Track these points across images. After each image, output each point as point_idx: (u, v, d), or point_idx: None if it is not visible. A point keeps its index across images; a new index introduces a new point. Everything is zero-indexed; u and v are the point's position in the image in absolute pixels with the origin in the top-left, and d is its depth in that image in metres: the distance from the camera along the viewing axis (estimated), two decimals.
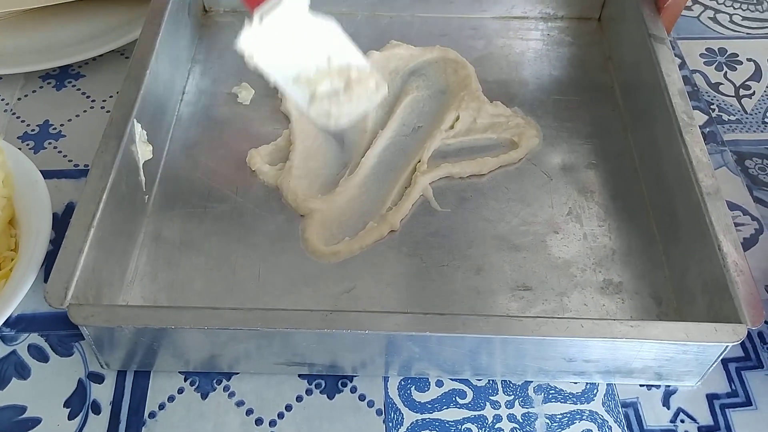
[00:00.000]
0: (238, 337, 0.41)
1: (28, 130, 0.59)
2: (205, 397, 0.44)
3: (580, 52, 0.65)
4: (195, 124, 0.58)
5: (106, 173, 0.46)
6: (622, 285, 0.49)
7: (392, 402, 0.44)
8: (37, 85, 0.62)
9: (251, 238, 0.50)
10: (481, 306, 0.47)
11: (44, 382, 0.45)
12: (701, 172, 0.47)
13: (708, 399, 0.45)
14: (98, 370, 0.45)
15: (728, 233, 0.44)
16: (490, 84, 0.61)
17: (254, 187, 0.54)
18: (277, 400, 0.44)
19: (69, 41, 0.64)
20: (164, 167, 0.54)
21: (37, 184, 0.49)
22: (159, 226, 0.51)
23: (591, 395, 0.45)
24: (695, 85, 0.64)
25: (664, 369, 0.43)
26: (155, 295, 0.47)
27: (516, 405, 0.44)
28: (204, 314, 0.40)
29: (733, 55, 0.67)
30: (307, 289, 0.48)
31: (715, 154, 0.58)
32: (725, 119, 0.61)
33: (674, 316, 0.47)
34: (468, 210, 0.52)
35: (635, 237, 0.51)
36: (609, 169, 0.55)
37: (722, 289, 0.43)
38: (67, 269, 0.41)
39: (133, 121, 0.49)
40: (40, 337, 0.46)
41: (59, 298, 0.40)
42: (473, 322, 0.40)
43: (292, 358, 0.43)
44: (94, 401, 0.44)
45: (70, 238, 0.42)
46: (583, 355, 0.42)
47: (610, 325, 0.40)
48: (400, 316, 0.41)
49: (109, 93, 0.61)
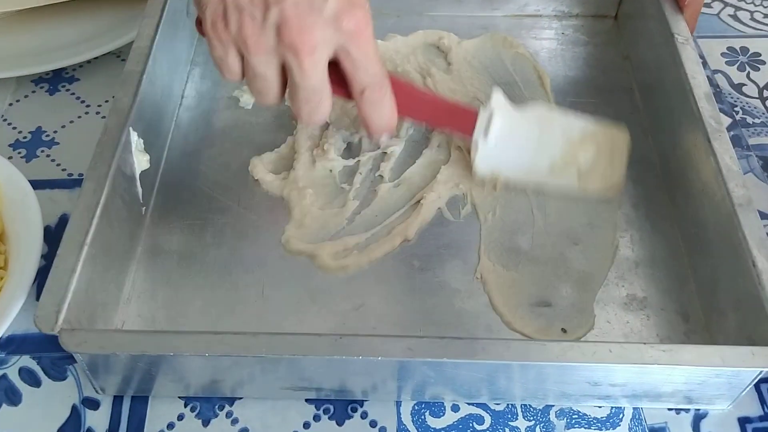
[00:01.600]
0: (242, 363, 0.39)
1: (20, 137, 0.56)
2: (206, 424, 0.42)
3: (596, 51, 0.62)
4: (194, 131, 0.55)
5: (99, 186, 0.43)
6: (646, 300, 0.46)
7: (405, 428, 0.42)
8: (30, 90, 0.59)
9: (254, 252, 0.48)
10: (498, 324, 0.45)
11: (36, 409, 0.42)
12: (732, 182, 0.44)
13: (740, 423, 0.42)
14: (93, 396, 0.43)
15: (763, 248, 0.41)
16: (503, 87, 0.58)
17: (257, 197, 0.51)
18: (283, 426, 0.41)
19: (63, 43, 0.61)
20: (162, 177, 0.52)
21: (27, 196, 0.46)
22: (157, 239, 0.48)
23: (617, 420, 0.42)
24: (717, 87, 0.61)
25: (695, 393, 0.41)
26: (153, 314, 0.45)
27: (537, 431, 0.42)
28: (204, 339, 0.38)
29: (755, 55, 0.64)
30: (314, 306, 0.45)
31: (740, 159, 0.55)
32: (750, 122, 0.58)
33: (703, 333, 0.44)
34: (482, 220, 0.50)
35: (659, 249, 0.49)
36: (630, 176, 0.52)
37: (757, 307, 0.40)
38: (58, 291, 0.38)
39: (128, 129, 0.46)
40: (32, 360, 0.44)
41: (50, 323, 0.37)
42: (493, 347, 0.38)
43: (299, 383, 0.41)
44: (89, 429, 0.41)
45: (61, 257, 0.40)
46: (609, 379, 0.40)
47: (639, 349, 0.37)
48: (415, 340, 0.38)
49: (105, 97, 0.59)
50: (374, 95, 0.43)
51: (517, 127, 0.50)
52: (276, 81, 0.42)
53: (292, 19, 0.38)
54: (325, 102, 0.42)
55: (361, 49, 0.41)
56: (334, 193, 0.51)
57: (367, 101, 0.43)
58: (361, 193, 0.51)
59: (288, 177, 0.51)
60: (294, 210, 0.50)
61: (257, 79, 0.41)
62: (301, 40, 0.39)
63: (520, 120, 0.50)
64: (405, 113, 0.47)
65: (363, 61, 0.41)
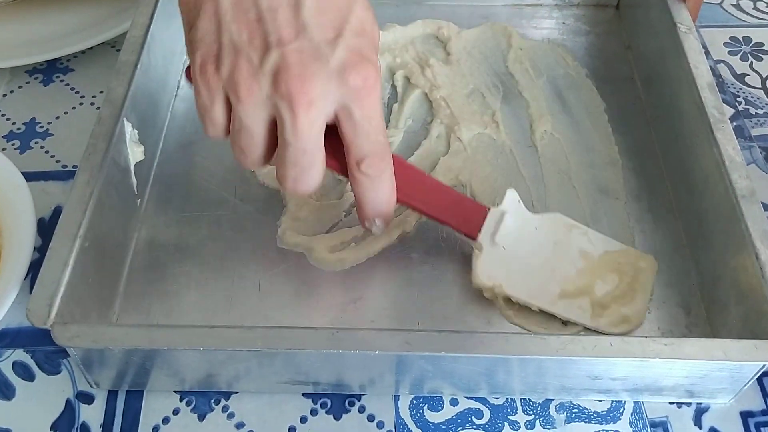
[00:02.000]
0: (238, 357, 0.38)
1: (14, 128, 0.55)
2: (202, 419, 0.41)
3: (597, 41, 0.61)
4: (190, 122, 0.54)
5: (93, 177, 0.42)
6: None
7: (403, 422, 0.41)
8: (24, 81, 0.59)
9: (251, 245, 0.47)
10: (498, 317, 0.44)
11: (30, 403, 0.42)
12: (735, 173, 0.43)
13: (742, 417, 0.42)
14: (87, 390, 0.42)
15: (766, 240, 0.40)
16: (500, 78, 0.58)
17: (254, 189, 0.50)
18: (280, 421, 0.41)
19: (57, 33, 0.60)
20: (157, 169, 0.51)
21: (20, 188, 0.45)
22: (152, 232, 0.48)
23: (617, 414, 0.42)
24: (720, 77, 0.60)
25: (697, 387, 0.40)
26: (148, 308, 0.44)
27: (537, 425, 0.41)
28: (199, 333, 0.37)
29: (758, 45, 0.63)
30: (311, 300, 0.45)
31: (743, 150, 0.54)
32: (752, 113, 0.58)
33: (705, 327, 0.44)
34: None
35: (661, 241, 0.48)
36: (631, 167, 0.52)
37: (760, 300, 0.39)
38: (50, 285, 0.38)
39: (122, 120, 0.45)
40: (25, 354, 0.43)
41: (42, 317, 0.37)
42: (492, 341, 0.37)
43: (296, 377, 0.40)
44: (83, 423, 0.41)
45: (54, 250, 0.39)
46: (610, 373, 0.39)
47: (641, 343, 0.37)
48: (413, 334, 0.37)
49: (100, 88, 0.58)
50: (373, 168, 0.37)
51: (529, 236, 0.44)
52: (263, 138, 0.36)
53: (293, 66, 0.34)
54: (317, 168, 0.37)
55: (365, 110, 0.36)
56: (331, 185, 0.50)
57: (364, 175, 0.38)
58: None
59: None
60: (290, 202, 0.49)
61: (242, 133, 0.36)
62: (299, 89, 0.34)
63: (533, 229, 0.44)
64: (404, 199, 0.42)
65: (366, 126, 0.36)
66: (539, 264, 0.44)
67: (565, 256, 0.44)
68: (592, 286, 0.44)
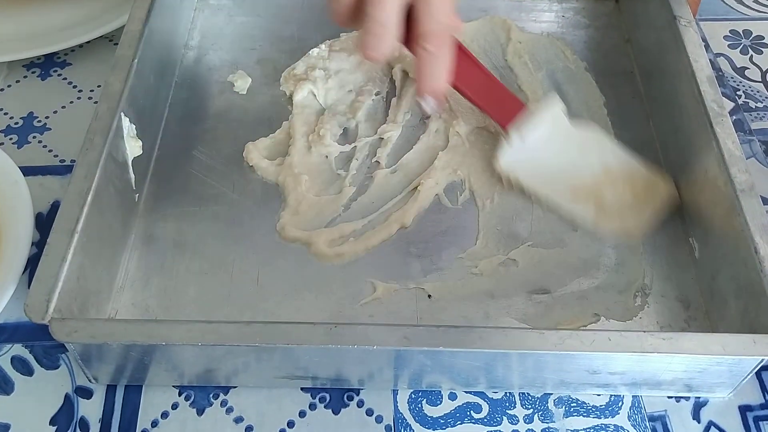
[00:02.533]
0: (236, 352, 0.38)
1: (12, 123, 0.55)
2: (201, 413, 0.41)
3: (597, 34, 0.61)
4: (188, 117, 0.54)
5: (91, 172, 0.42)
6: (647, 287, 0.45)
7: (402, 417, 0.41)
8: (21, 75, 0.58)
9: (249, 240, 0.47)
10: (496, 311, 0.44)
11: (29, 398, 0.42)
12: (734, 167, 0.43)
13: (741, 411, 0.42)
14: (86, 384, 0.42)
15: (765, 234, 0.40)
16: (499, 71, 0.57)
17: (252, 184, 0.50)
18: (279, 415, 0.41)
19: (54, 28, 0.60)
20: (155, 164, 0.51)
21: (18, 183, 0.45)
22: (150, 227, 0.48)
23: (616, 408, 0.42)
24: (720, 70, 0.60)
25: (695, 381, 0.40)
26: (147, 302, 0.44)
27: (535, 420, 0.41)
28: (197, 329, 0.37)
29: (758, 38, 0.63)
30: (310, 294, 0.45)
31: (742, 144, 0.54)
32: (752, 106, 0.57)
33: (704, 321, 0.44)
34: (480, 206, 0.49)
35: (660, 234, 0.48)
36: None
37: (758, 295, 0.39)
38: (48, 280, 0.38)
39: (120, 114, 0.45)
40: (24, 349, 0.44)
41: (40, 312, 0.37)
42: (490, 336, 0.37)
43: (294, 371, 0.40)
44: (82, 418, 0.41)
45: (51, 246, 0.39)
46: (608, 367, 0.39)
47: (639, 338, 0.37)
48: (411, 329, 0.37)
49: (98, 82, 0.58)
50: (432, 44, 0.42)
51: (558, 138, 0.48)
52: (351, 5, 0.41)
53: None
54: (389, 39, 0.42)
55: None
56: (330, 180, 0.50)
57: (424, 50, 0.43)
58: (357, 180, 0.50)
59: (283, 163, 0.50)
60: (289, 197, 0.49)
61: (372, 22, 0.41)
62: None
63: (564, 132, 0.48)
64: (456, 81, 0.47)
65: (437, 7, 0.42)
66: (558, 164, 0.47)
67: (587, 164, 0.47)
68: (601, 191, 0.47)
